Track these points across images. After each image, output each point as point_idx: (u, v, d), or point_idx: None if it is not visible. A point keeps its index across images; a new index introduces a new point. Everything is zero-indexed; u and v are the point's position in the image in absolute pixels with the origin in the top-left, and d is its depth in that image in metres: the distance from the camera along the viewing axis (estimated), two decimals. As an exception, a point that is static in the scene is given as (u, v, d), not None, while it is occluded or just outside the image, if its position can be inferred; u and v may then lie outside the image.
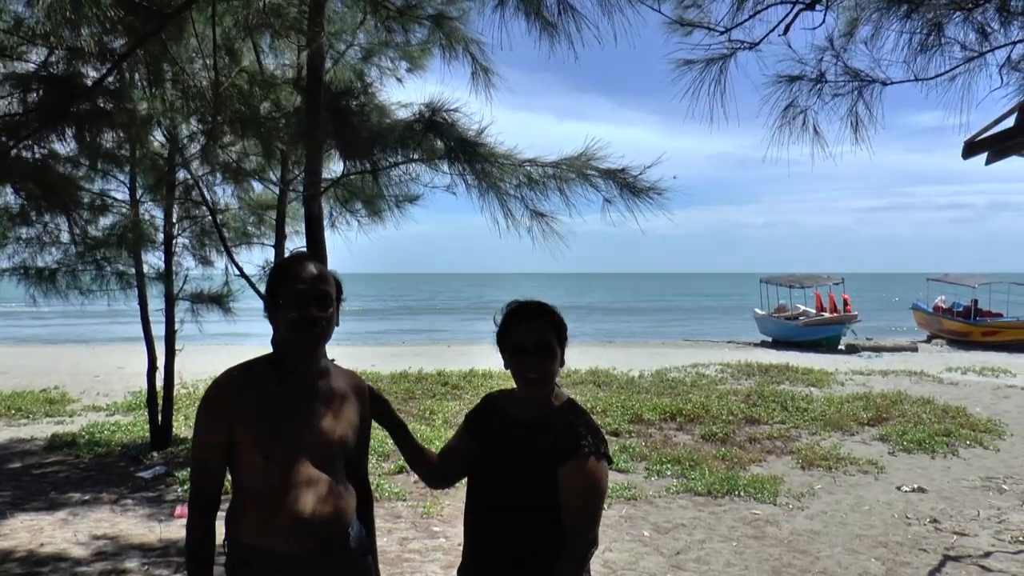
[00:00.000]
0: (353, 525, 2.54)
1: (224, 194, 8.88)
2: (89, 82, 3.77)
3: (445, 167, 3.90)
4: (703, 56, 3.68)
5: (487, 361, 18.62)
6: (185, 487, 7.87)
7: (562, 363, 2.57)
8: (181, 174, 8.86)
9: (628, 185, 4.07)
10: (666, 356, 20.93)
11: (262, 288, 6.64)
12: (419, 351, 24.92)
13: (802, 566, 5.82)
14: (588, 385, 14.96)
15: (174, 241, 9.17)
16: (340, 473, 2.51)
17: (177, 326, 9.58)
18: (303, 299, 2.37)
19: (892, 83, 3.55)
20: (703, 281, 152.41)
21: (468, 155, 3.64)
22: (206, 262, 9.66)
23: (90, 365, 18.64)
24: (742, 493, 7.68)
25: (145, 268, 9.47)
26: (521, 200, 4.03)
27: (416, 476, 2.76)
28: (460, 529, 6.60)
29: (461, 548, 5.79)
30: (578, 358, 19.69)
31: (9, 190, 5.07)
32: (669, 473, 8.51)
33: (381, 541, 6.05)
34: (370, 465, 8.50)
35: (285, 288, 2.38)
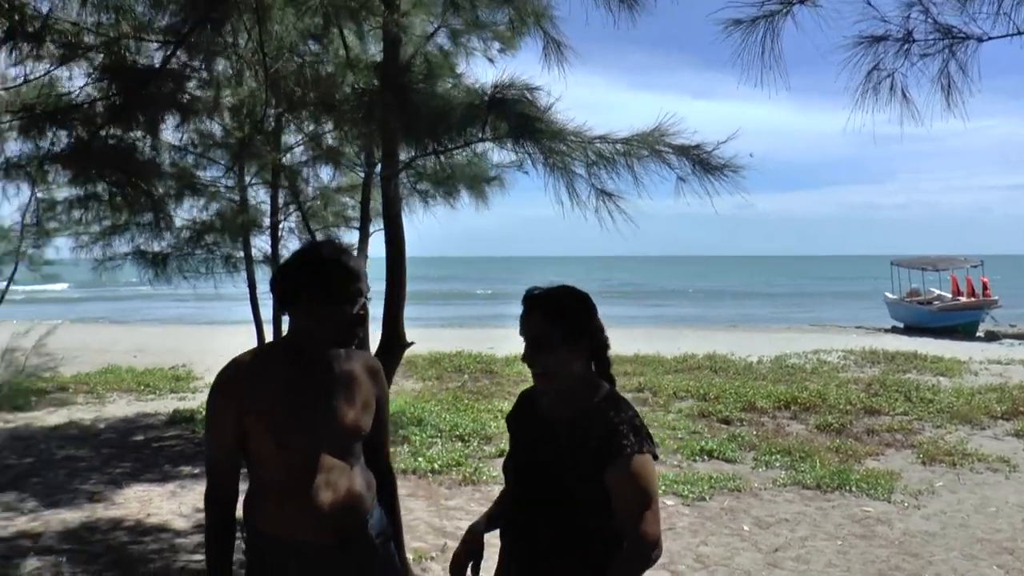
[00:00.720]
0: (373, 513, 2.44)
1: (320, 178, 9.00)
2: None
3: (510, 146, 3.76)
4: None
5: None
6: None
7: (578, 354, 2.35)
8: (285, 158, 9.04)
9: (702, 162, 3.80)
10: (789, 342, 20.11)
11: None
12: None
13: (912, 571, 5.40)
14: (704, 371, 14.54)
15: (280, 225, 9.38)
16: (358, 459, 2.42)
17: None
18: (356, 297, 2.30)
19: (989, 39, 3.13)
20: (834, 264, 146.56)
21: (532, 132, 3.47)
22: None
23: (215, 345, 19.50)
24: (854, 488, 7.23)
25: (253, 252, 9.77)
26: (587, 179, 3.83)
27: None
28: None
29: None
30: (698, 343, 19.26)
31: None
32: (778, 464, 8.12)
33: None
34: (471, 448, 8.54)
35: (335, 283, 2.28)
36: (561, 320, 2.32)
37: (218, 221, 9.56)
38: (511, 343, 16.78)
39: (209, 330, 25.92)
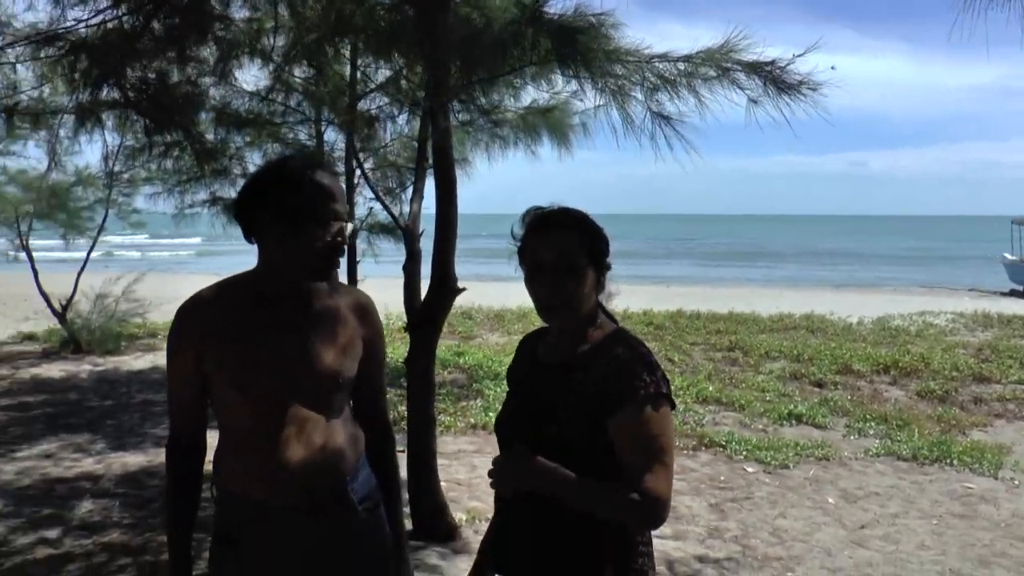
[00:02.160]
0: (358, 475, 2.11)
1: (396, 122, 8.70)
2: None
3: (556, 70, 3.34)
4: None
5: (706, 303, 17.86)
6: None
7: (600, 288, 1.99)
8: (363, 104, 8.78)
9: (775, 80, 3.28)
10: (894, 304, 19.00)
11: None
12: (636, 290, 24.40)
13: (1020, 559, 4.82)
14: (800, 331, 13.82)
15: (355, 172, 9.16)
16: (339, 411, 2.08)
17: (359, 256, 9.67)
18: (331, 218, 1.95)
19: None
20: (950, 225, 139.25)
21: (578, 54, 3.03)
22: (389, 192, 9.61)
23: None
24: (956, 462, 6.60)
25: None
26: (644, 103, 3.37)
27: None
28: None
29: None
30: (798, 303, 18.42)
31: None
32: (872, 432, 7.52)
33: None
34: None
35: (311, 204, 1.93)
36: (588, 243, 1.95)
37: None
38: (607, 300, 16.77)
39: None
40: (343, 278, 9.86)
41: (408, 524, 4.99)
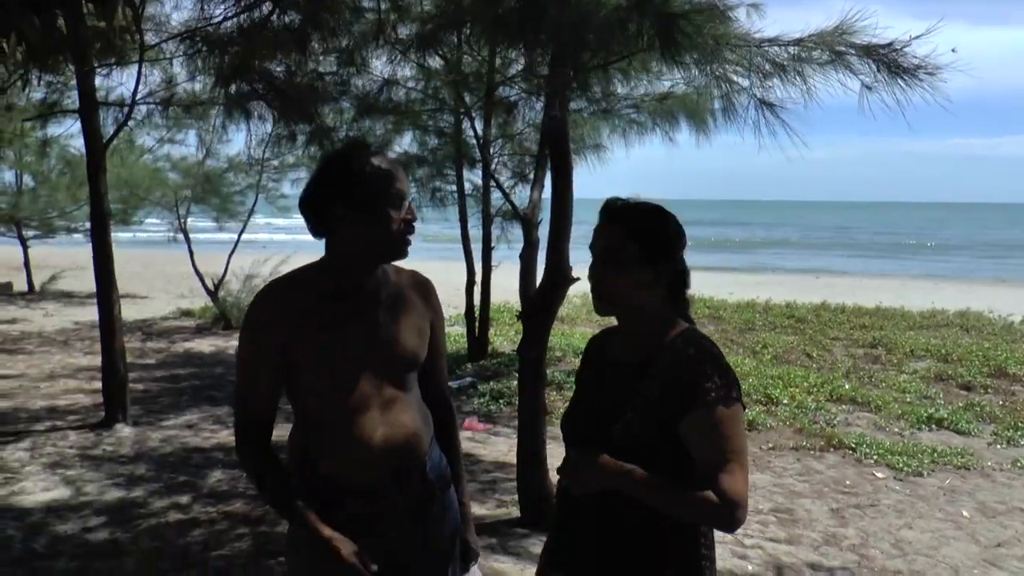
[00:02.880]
0: (432, 454, 2.17)
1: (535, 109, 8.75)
2: None
3: (660, 59, 3.23)
4: None
5: (853, 295, 17.13)
6: (485, 399, 8.07)
7: (652, 284, 1.91)
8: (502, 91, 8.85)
9: (889, 64, 3.05)
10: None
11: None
12: (783, 280, 23.65)
13: None
14: (952, 328, 12.98)
15: (491, 158, 9.27)
16: (413, 391, 2.16)
17: (493, 243, 9.80)
18: (398, 200, 2.03)
19: None
20: None
21: (679, 41, 2.92)
22: (524, 179, 9.67)
23: (444, 277, 20.21)
24: (1119, 479, 6.04)
25: (466, 186, 9.81)
26: (748, 90, 3.21)
27: None
28: (750, 477, 5.97)
29: None
30: (954, 298, 17.39)
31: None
32: (1023, 443, 6.98)
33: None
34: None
35: (382, 188, 2.01)
36: (642, 238, 1.90)
37: (430, 155, 9.64)
38: (755, 289, 16.32)
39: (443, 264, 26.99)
40: (478, 262, 10.06)
41: (516, 511, 5.05)
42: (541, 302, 4.63)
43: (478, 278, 10.10)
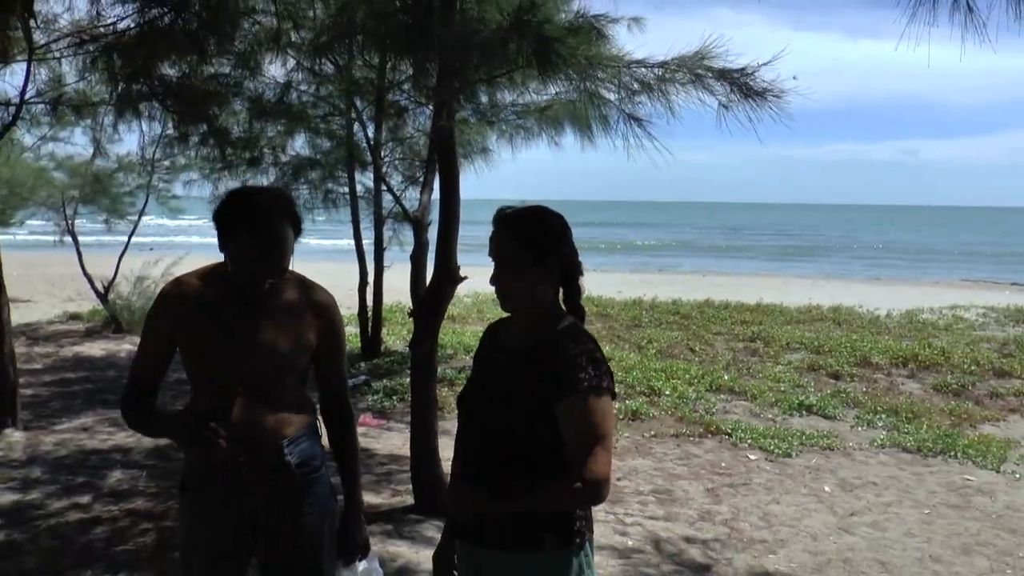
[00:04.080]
0: (298, 442, 2.42)
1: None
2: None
3: (538, 76, 3.54)
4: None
5: (737, 293, 17.93)
6: (379, 396, 8.25)
7: (542, 278, 2.18)
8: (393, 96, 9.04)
9: (741, 87, 3.45)
10: (929, 296, 18.85)
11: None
12: (673, 279, 24.48)
13: (1003, 548, 4.94)
14: (826, 322, 13.86)
15: (383, 161, 9.45)
16: (285, 389, 2.41)
17: (386, 244, 10.00)
18: (262, 261, 2.32)
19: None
20: (1013, 216, 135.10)
21: (557, 57, 3.23)
22: (414, 182, 9.87)
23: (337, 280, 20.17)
24: (960, 455, 6.69)
25: (358, 188, 9.96)
26: (618, 106, 3.56)
27: None
28: (631, 463, 6.34)
29: (618, 483, 5.43)
30: (831, 294, 18.44)
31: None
32: (880, 424, 7.63)
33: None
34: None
35: (247, 237, 2.29)
36: (531, 242, 2.17)
37: (323, 158, 9.74)
38: (643, 288, 16.78)
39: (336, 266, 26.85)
40: (370, 263, 10.21)
41: (410, 499, 5.29)
42: (430, 300, 4.88)
43: (370, 278, 10.27)
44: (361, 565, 2.51)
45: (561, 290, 2.25)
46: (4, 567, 4.27)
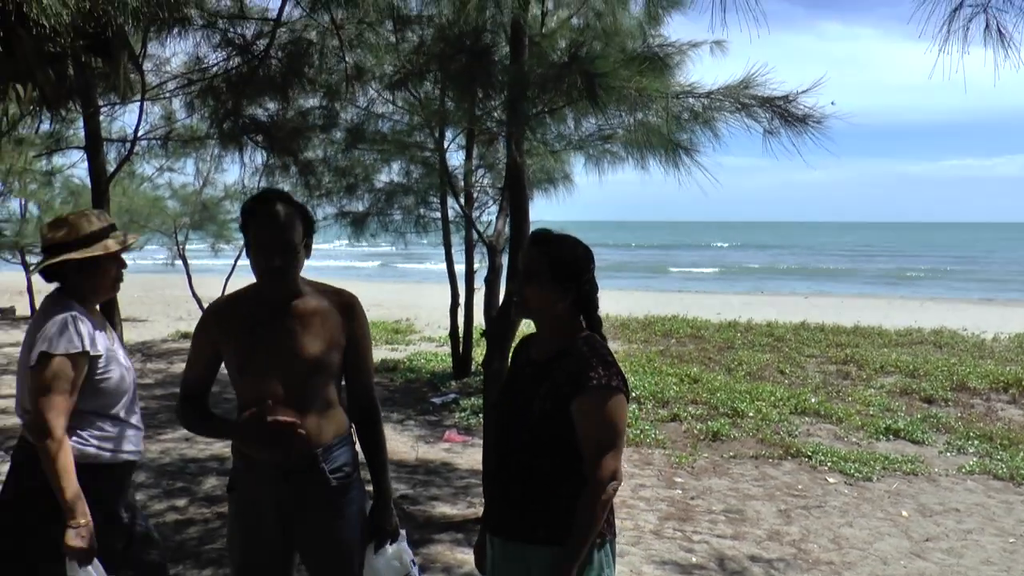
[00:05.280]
0: (333, 448, 2.64)
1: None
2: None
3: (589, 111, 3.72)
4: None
5: (838, 315, 17.58)
6: (466, 413, 8.52)
7: (560, 297, 2.41)
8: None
9: (783, 113, 3.54)
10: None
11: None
12: (772, 301, 24.12)
13: (1087, 577, 4.80)
14: (926, 345, 13.46)
15: (472, 187, 9.78)
16: (316, 392, 2.61)
17: (476, 267, 10.31)
18: (266, 250, 2.53)
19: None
20: None
21: (604, 90, 3.40)
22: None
23: (440, 301, 20.71)
24: (1057, 483, 6.47)
25: (450, 213, 10.32)
26: (665, 136, 3.71)
27: None
28: (706, 483, 6.41)
29: (691, 501, 5.64)
30: (938, 316, 17.87)
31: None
32: (971, 450, 7.42)
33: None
34: (645, 411, 8.53)
35: (252, 234, 2.55)
36: (554, 261, 2.41)
37: (415, 184, 10.12)
38: (743, 309, 16.62)
39: (434, 287, 27.51)
40: (461, 284, 10.55)
41: (482, 511, 5.48)
42: (501, 322, 5.10)
43: (461, 300, 10.59)
44: (391, 549, 2.69)
45: (581, 309, 2.48)
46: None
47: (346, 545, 2.68)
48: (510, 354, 2.76)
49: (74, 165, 14.26)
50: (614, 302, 19.09)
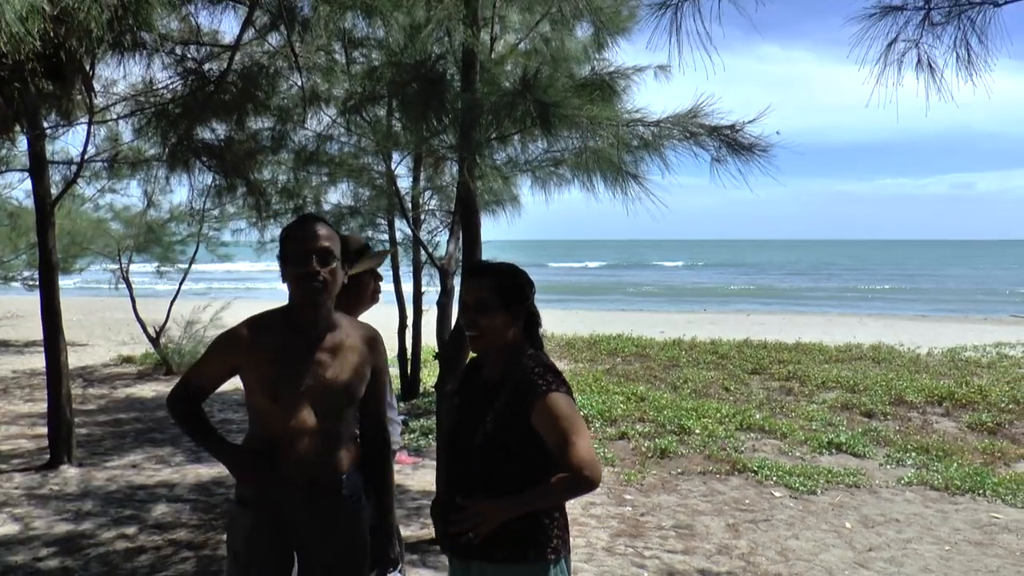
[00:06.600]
0: (351, 474, 2.69)
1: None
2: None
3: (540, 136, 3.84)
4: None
5: (779, 332, 17.96)
6: (415, 435, 8.52)
7: (511, 323, 2.52)
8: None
9: (729, 143, 3.70)
10: (978, 333, 18.66)
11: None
12: (716, 319, 24.50)
13: (1021, 583, 5.00)
14: (865, 361, 13.82)
15: (420, 209, 9.83)
16: (343, 421, 2.67)
17: (424, 289, 10.35)
18: (306, 257, 2.55)
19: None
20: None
21: (557, 118, 3.51)
22: (448, 229, 10.23)
23: (387, 322, 20.63)
24: (989, 492, 6.71)
25: (398, 235, 10.34)
26: (616, 163, 3.83)
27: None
28: (655, 499, 6.50)
29: (641, 518, 5.73)
30: (875, 332, 18.35)
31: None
32: (910, 462, 7.66)
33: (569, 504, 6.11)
34: (593, 429, 8.63)
35: (291, 248, 2.58)
36: (500, 288, 2.51)
37: (363, 206, 10.13)
38: (686, 328, 16.82)
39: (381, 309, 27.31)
40: (410, 306, 10.56)
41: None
42: (454, 344, 5.16)
43: (409, 322, 10.62)
44: None
45: (525, 331, 2.60)
46: (57, 593, 4.59)
47: (355, 570, 2.73)
48: (460, 375, 2.84)
49: (10, 186, 13.99)
50: (559, 321, 19.26)
